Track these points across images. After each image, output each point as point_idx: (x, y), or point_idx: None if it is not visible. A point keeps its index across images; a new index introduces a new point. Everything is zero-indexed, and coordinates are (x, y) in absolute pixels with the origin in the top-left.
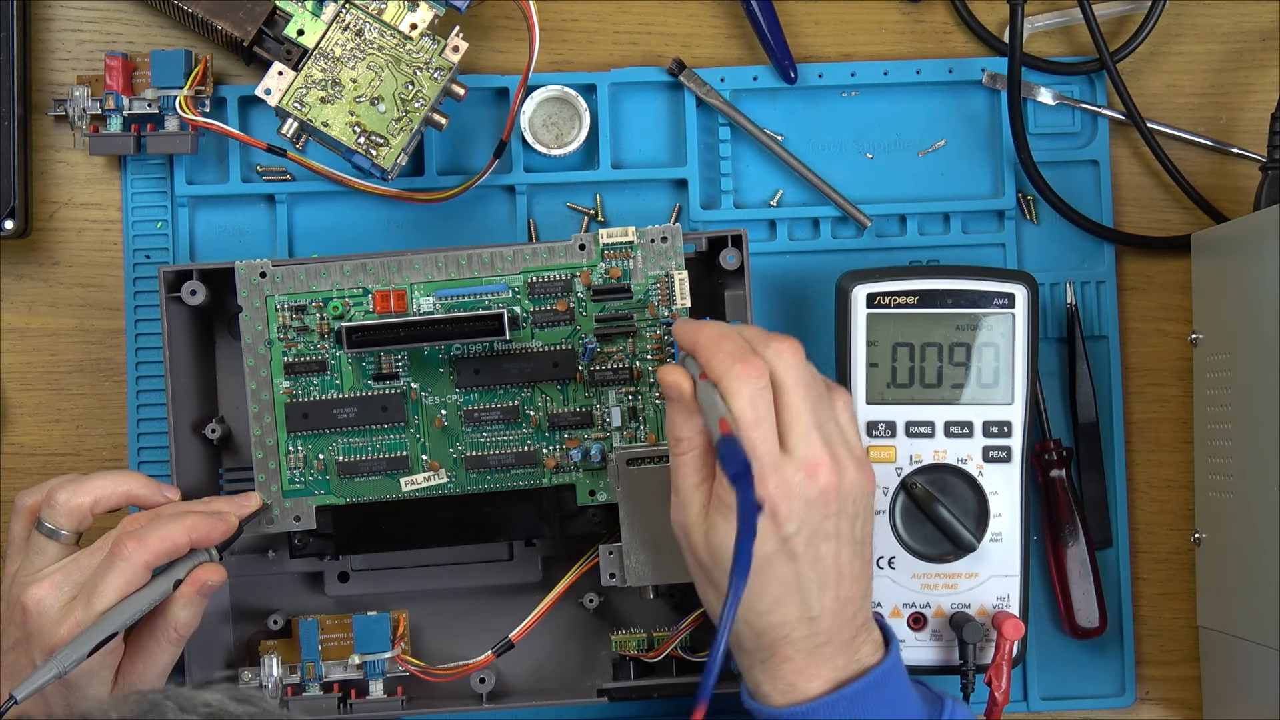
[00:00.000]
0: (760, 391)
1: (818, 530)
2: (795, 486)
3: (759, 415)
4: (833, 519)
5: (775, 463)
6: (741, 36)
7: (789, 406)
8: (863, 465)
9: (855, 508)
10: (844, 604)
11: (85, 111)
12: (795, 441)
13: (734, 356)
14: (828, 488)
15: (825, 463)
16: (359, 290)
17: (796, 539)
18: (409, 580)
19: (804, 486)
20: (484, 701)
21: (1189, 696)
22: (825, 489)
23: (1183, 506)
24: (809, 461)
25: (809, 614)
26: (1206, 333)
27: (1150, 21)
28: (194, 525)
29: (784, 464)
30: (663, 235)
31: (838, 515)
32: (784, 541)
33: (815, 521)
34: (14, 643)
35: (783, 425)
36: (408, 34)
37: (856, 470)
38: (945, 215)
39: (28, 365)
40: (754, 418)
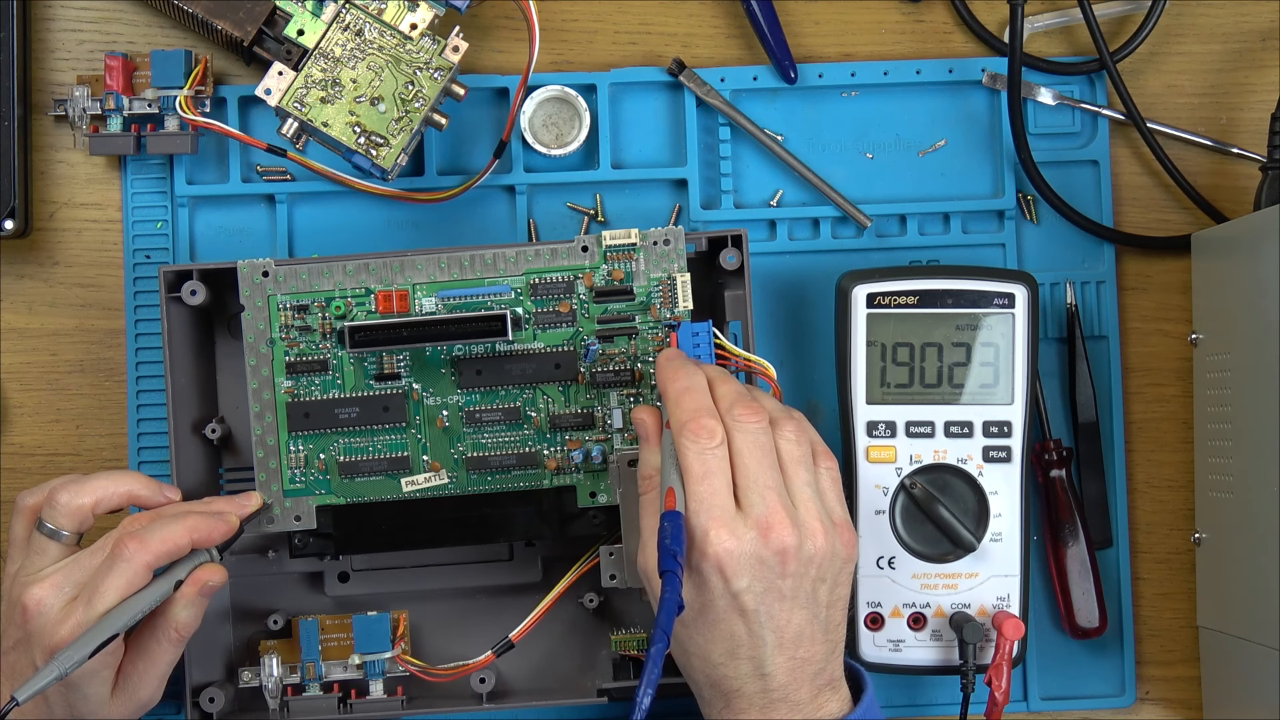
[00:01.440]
0: (712, 450)
1: (770, 589)
2: (746, 543)
3: (708, 469)
4: (789, 580)
5: (726, 517)
6: (741, 36)
7: (743, 468)
8: (836, 531)
9: (821, 572)
10: (801, 664)
11: (85, 111)
12: (750, 500)
13: (691, 413)
14: (784, 548)
15: (782, 524)
16: (361, 290)
17: (746, 595)
18: (409, 580)
19: (755, 544)
20: (484, 701)
21: (1189, 696)
22: (781, 550)
23: (1183, 506)
24: (762, 520)
25: (761, 670)
26: (1206, 333)
27: (1150, 21)
28: (195, 525)
29: (736, 520)
30: (665, 237)
31: (796, 577)
32: (734, 597)
33: (768, 580)
34: (14, 643)
35: (738, 486)
36: (408, 34)
37: (826, 536)
38: (945, 215)
39: (28, 365)
40: (702, 471)
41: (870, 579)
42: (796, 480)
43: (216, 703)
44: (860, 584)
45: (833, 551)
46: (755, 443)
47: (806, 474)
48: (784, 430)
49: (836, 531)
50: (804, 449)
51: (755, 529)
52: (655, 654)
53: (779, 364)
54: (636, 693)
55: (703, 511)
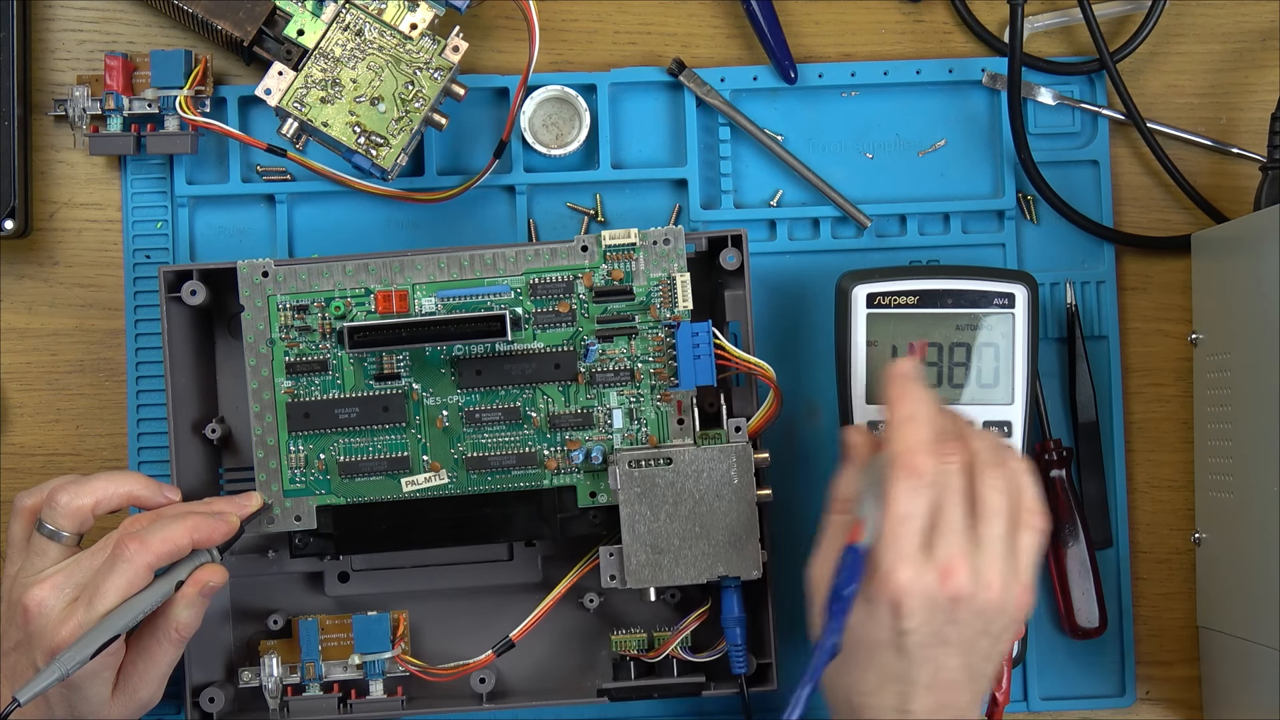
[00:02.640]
0: (922, 489)
1: (938, 634)
2: (924, 585)
3: (912, 511)
4: (956, 627)
5: (915, 559)
6: (741, 36)
7: (943, 510)
8: (1014, 589)
9: (987, 625)
10: (944, 708)
11: (85, 111)
12: (938, 543)
13: (912, 447)
14: (958, 595)
15: (962, 571)
16: (361, 290)
17: (912, 636)
18: (409, 580)
19: (933, 587)
20: (484, 701)
21: (1189, 696)
22: (955, 595)
23: (1183, 506)
24: (945, 564)
25: (905, 708)
26: (1206, 333)
27: (1150, 21)
28: (195, 526)
29: (921, 561)
30: (665, 237)
31: (963, 625)
32: (899, 635)
33: (937, 625)
34: (15, 644)
35: (933, 527)
36: (408, 34)
37: (1002, 591)
38: (945, 215)
39: (28, 365)
40: (906, 511)
41: None
42: (990, 530)
43: (216, 703)
44: None
45: (1003, 608)
46: (955, 487)
47: (999, 526)
48: (991, 478)
49: (1015, 589)
50: (1004, 499)
51: (936, 571)
52: (802, 697)
53: (779, 364)
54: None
55: (894, 549)
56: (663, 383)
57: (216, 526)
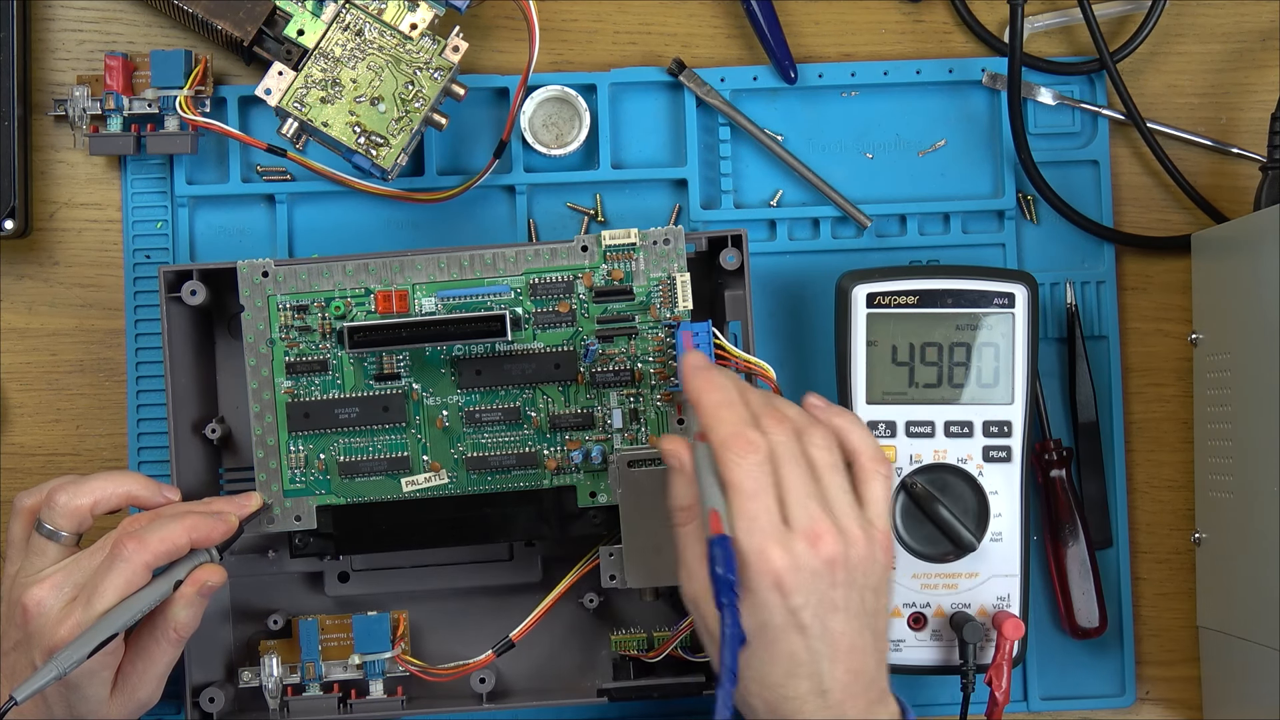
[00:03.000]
0: (759, 464)
1: (824, 601)
2: (799, 557)
3: (759, 486)
4: (840, 589)
5: (779, 534)
6: (741, 36)
7: (785, 478)
8: (876, 538)
9: (866, 579)
10: (856, 676)
11: (85, 111)
12: (794, 512)
13: (736, 428)
14: (832, 558)
15: (828, 531)
16: (361, 290)
17: (804, 611)
18: (409, 580)
19: (807, 557)
20: (484, 701)
21: (1189, 696)
22: (830, 559)
23: (1183, 506)
24: (809, 531)
25: (821, 687)
26: (1206, 333)
27: (1150, 21)
28: (194, 525)
29: (786, 535)
30: (665, 237)
31: (845, 586)
32: (792, 614)
33: (821, 592)
34: (14, 644)
35: (782, 499)
36: (408, 34)
37: (867, 543)
38: (945, 215)
39: (28, 365)
40: (753, 488)
41: None
42: (832, 486)
43: (216, 703)
44: None
45: (873, 557)
46: (790, 452)
47: (840, 479)
48: (813, 437)
49: (877, 537)
50: (835, 454)
51: (804, 540)
52: (723, 696)
53: (779, 364)
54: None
55: (755, 530)
56: (663, 383)
57: (215, 526)
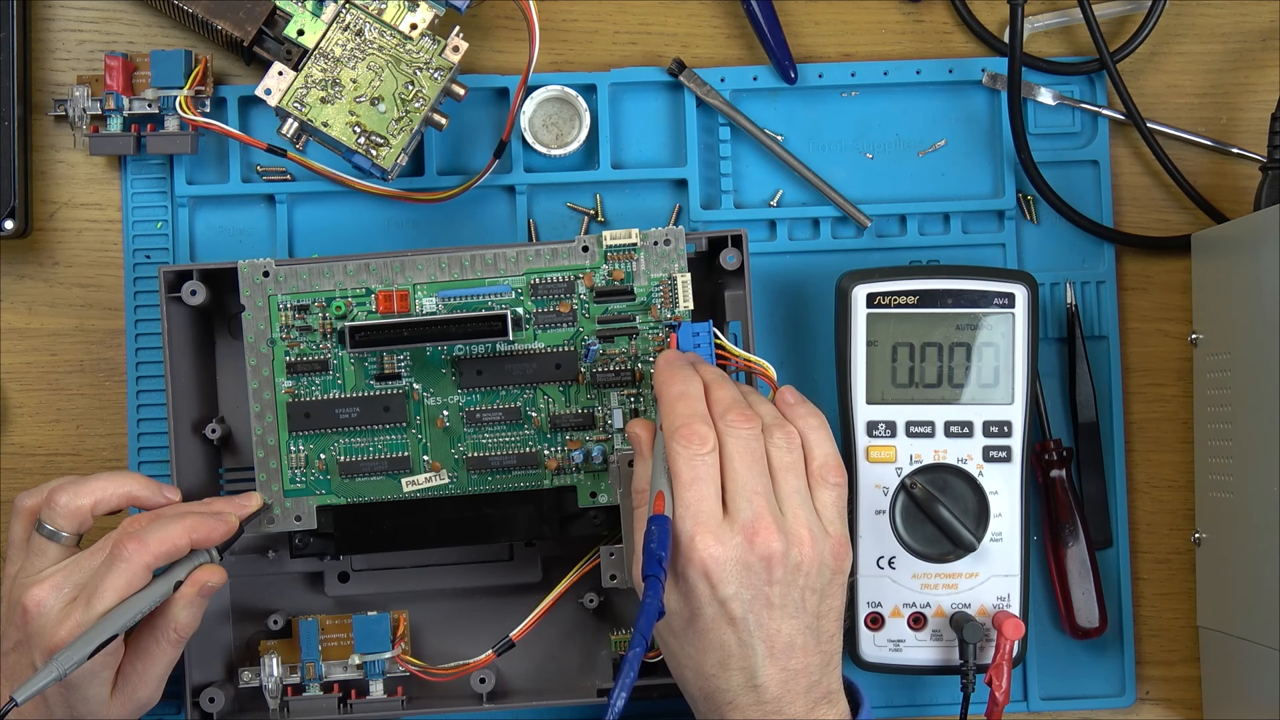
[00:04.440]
0: (702, 456)
1: (758, 596)
2: (732, 549)
3: (696, 475)
4: (777, 587)
5: (712, 523)
6: (741, 36)
7: (731, 473)
8: (825, 540)
9: (809, 581)
10: (794, 675)
11: (85, 111)
12: (738, 505)
13: (684, 419)
14: (769, 554)
15: (768, 529)
16: (362, 290)
17: (733, 602)
18: (409, 580)
19: (741, 550)
20: (484, 701)
21: (1189, 696)
22: (767, 555)
23: (1183, 506)
24: (749, 525)
25: (753, 682)
26: (1206, 333)
27: (1150, 21)
28: (194, 526)
29: (723, 526)
30: (666, 238)
31: (784, 584)
32: (721, 604)
33: (755, 587)
34: (14, 644)
35: (726, 491)
36: (408, 34)
37: (814, 545)
38: (945, 215)
39: (28, 365)
40: (690, 477)
41: (870, 579)
42: (785, 487)
43: (216, 703)
44: (860, 584)
45: (820, 561)
46: (746, 448)
47: (796, 481)
48: (775, 437)
49: (827, 541)
50: (794, 455)
51: (741, 534)
52: (632, 658)
53: (779, 364)
54: (611, 694)
55: (689, 517)
56: None
57: (215, 526)
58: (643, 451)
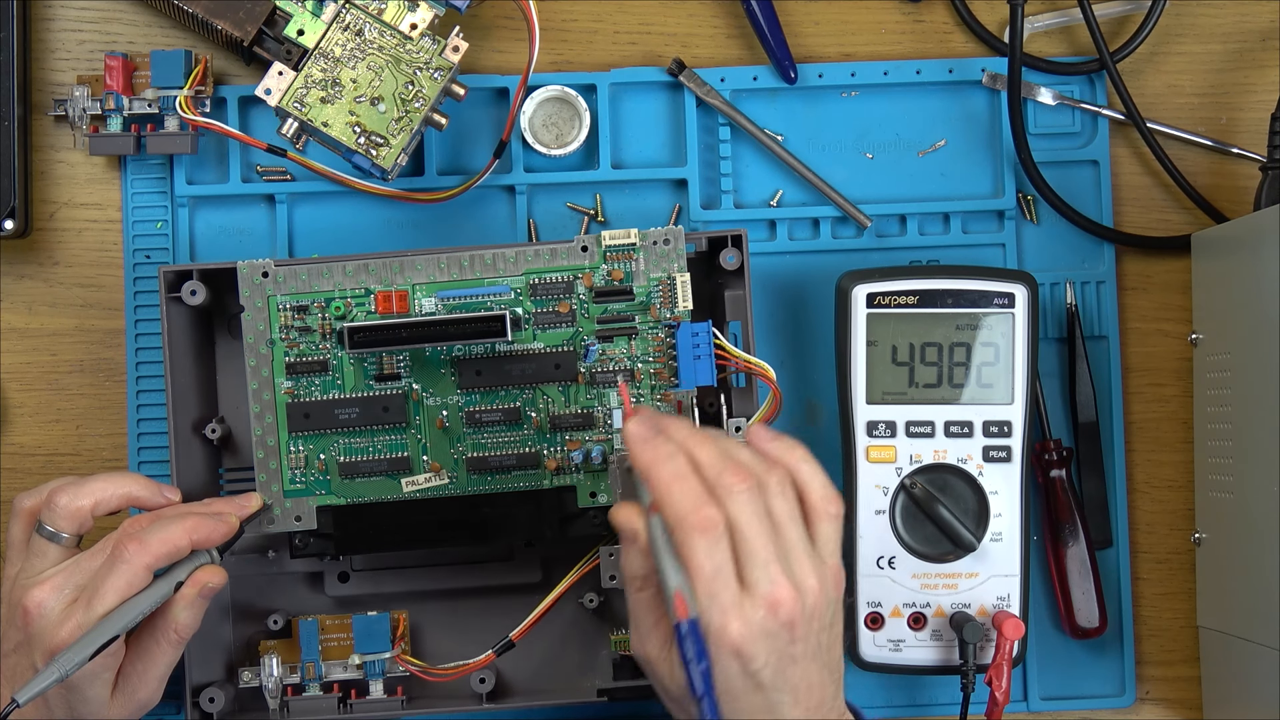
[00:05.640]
0: (716, 540)
1: (783, 657)
2: (758, 624)
3: (717, 564)
4: (798, 644)
5: (737, 605)
6: (741, 36)
7: (743, 543)
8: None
9: (821, 621)
10: (814, 709)
11: (85, 111)
12: (755, 577)
13: (691, 505)
14: (791, 620)
15: (788, 596)
16: (361, 290)
17: (763, 672)
18: (409, 580)
19: (765, 621)
20: (484, 701)
21: (1189, 696)
22: (789, 621)
23: (1183, 506)
24: (770, 598)
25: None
26: (1206, 333)
27: (1150, 21)
28: (195, 526)
29: (744, 603)
30: (665, 237)
31: (803, 640)
32: (752, 676)
33: (780, 650)
34: (15, 645)
35: (740, 562)
36: (408, 34)
37: (819, 586)
38: (945, 215)
39: (28, 365)
40: (712, 568)
41: (870, 579)
42: (789, 538)
43: (216, 703)
44: (860, 584)
45: (826, 597)
46: (752, 511)
47: (797, 530)
48: (771, 486)
49: (829, 576)
50: (790, 501)
51: (764, 607)
52: None
53: (779, 364)
54: None
55: (715, 608)
56: (663, 383)
57: (216, 527)
58: (638, 539)
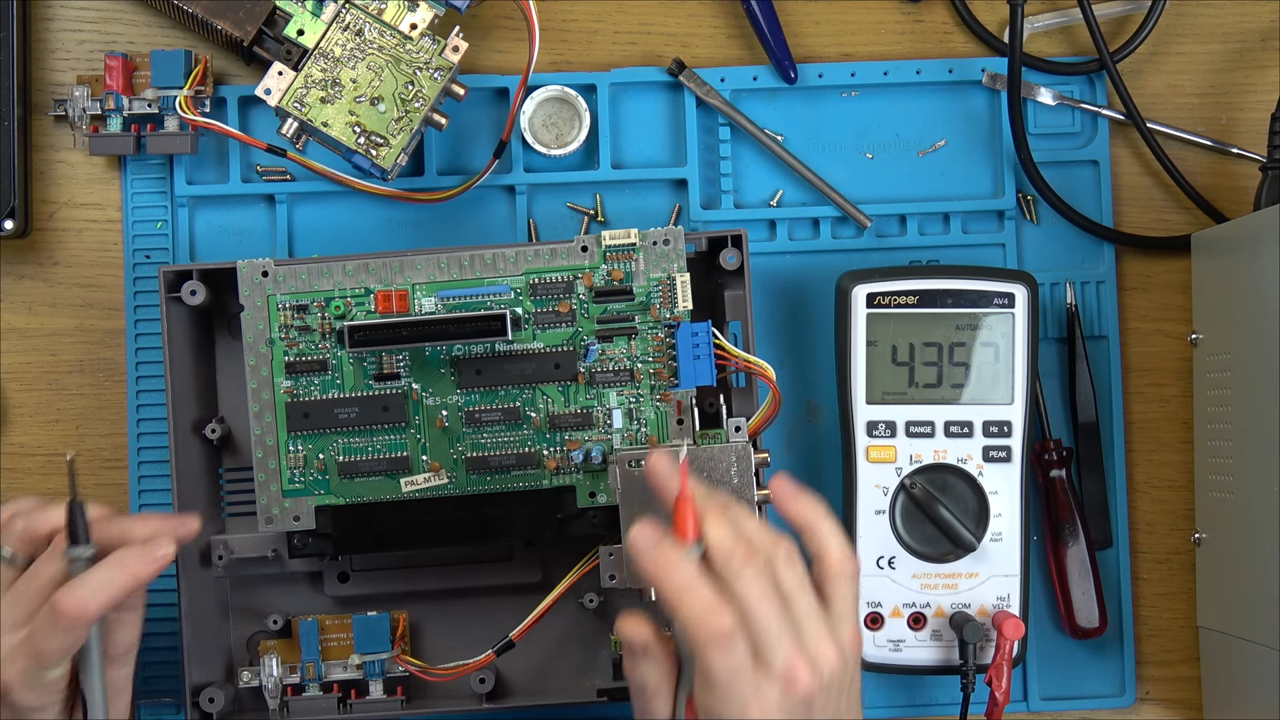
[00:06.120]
0: (731, 646)
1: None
2: (775, 704)
3: (737, 666)
4: (817, 712)
5: (755, 689)
6: (741, 36)
7: (754, 622)
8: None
9: (840, 688)
10: None
11: (85, 111)
12: (767, 656)
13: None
14: (809, 694)
15: (803, 671)
16: (361, 290)
17: None
18: (409, 580)
19: (782, 698)
20: (484, 701)
21: (1189, 696)
22: (807, 696)
23: (1183, 506)
24: (786, 675)
25: None
26: (1206, 333)
27: (1150, 21)
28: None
29: (762, 686)
30: (665, 237)
31: (821, 709)
32: None
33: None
34: None
35: (753, 641)
36: (408, 34)
37: (837, 654)
38: (945, 215)
39: (28, 365)
40: (729, 675)
41: (870, 579)
42: (800, 607)
43: (216, 703)
44: (860, 584)
45: (844, 665)
46: (759, 592)
47: (808, 598)
48: (779, 558)
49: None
50: (800, 571)
51: (780, 685)
52: None
53: (779, 364)
54: None
55: (734, 701)
56: (662, 383)
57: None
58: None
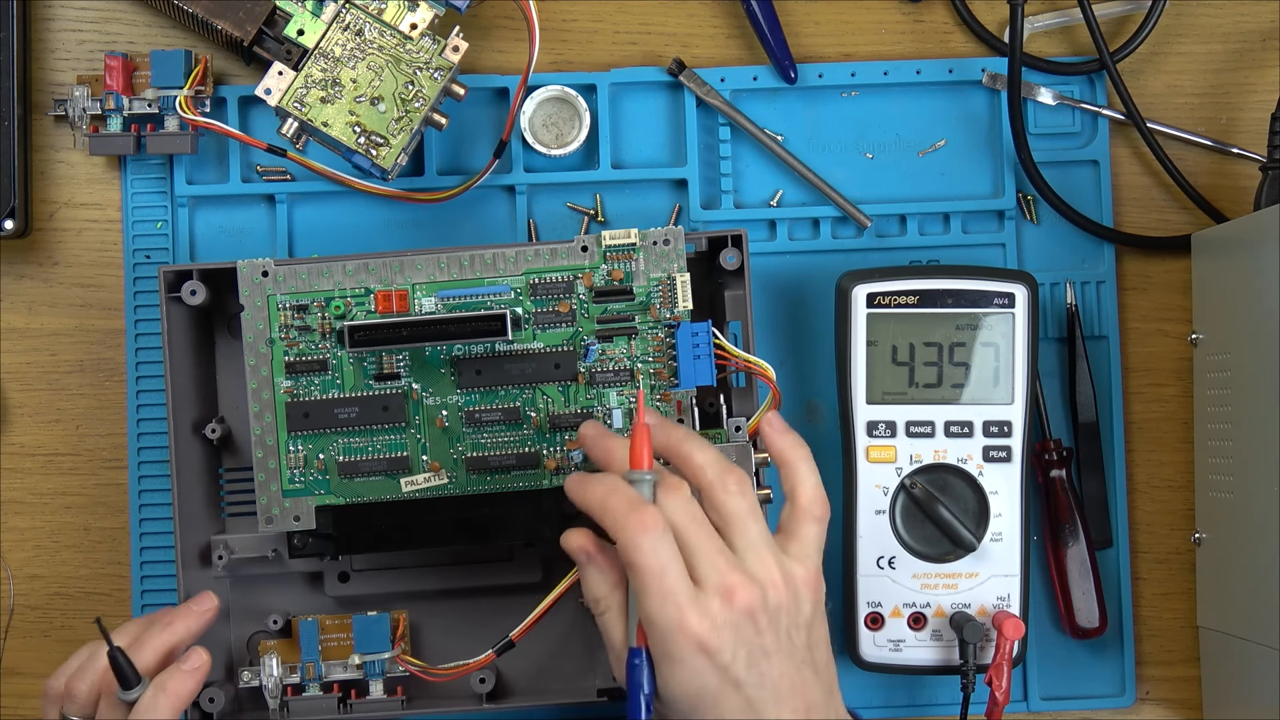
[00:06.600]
0: (659, 537)
1: (753, 650)
2: (717, 615)
3: (663, 561)
4: (767, 634)
5: (692, 599)
6: (741, 36)
7: (687, 542)
8: (793, 574)
9: (791, 619)
10: (804, 712)
11: (85, 111)
12: (703, 572)
13: (626, 510)
14: (750, 606)
15: (740, 583)
16: (361, 290)
17: (734, 666)
18: (409, 580)
19: (725, 612)
20: (484, 701)
21: (1189, 696)
22: (749, 608)
23: (1183, 506)
24: (721, 587)
25: None
26: (1206, 333)
27: (1150, 21)
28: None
29: (699, 597)
30: (665, 237)
31: (772, 631)
32: (724, 671)
33: (749, 642)
34: None
35: (688, 561)
36: (408, 34)
37: (787, 584)
38: (945, 215)
39: (28, 365)
40: (659, 565)
41: (870, 579)
42: (746, 535)
43: (216, 703)
44: (860, 584)
45: (797, 596)
46: (687, 513)
47: (754, 525)
48: (728, 484)
49: (799, 577)
50: (749, 499)
51: (718, 597)
52: None
53: (779, 364)
54: None
55: (669, 604)
56: (663, 383)
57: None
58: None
